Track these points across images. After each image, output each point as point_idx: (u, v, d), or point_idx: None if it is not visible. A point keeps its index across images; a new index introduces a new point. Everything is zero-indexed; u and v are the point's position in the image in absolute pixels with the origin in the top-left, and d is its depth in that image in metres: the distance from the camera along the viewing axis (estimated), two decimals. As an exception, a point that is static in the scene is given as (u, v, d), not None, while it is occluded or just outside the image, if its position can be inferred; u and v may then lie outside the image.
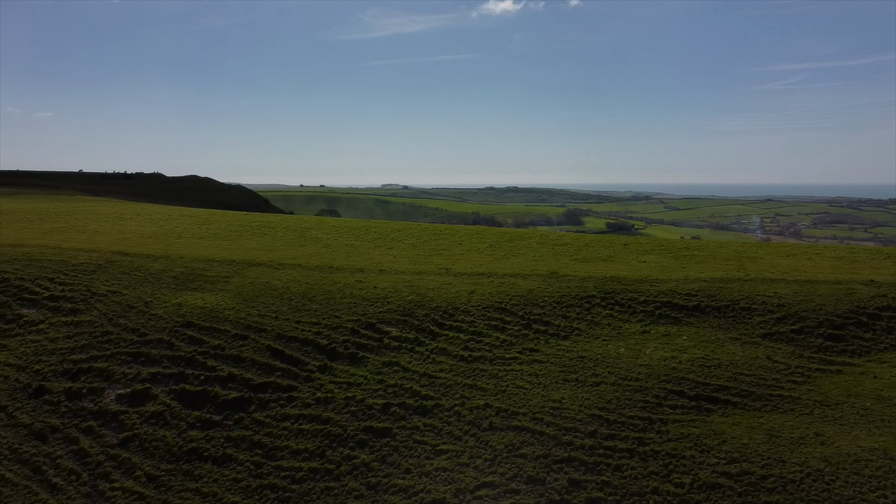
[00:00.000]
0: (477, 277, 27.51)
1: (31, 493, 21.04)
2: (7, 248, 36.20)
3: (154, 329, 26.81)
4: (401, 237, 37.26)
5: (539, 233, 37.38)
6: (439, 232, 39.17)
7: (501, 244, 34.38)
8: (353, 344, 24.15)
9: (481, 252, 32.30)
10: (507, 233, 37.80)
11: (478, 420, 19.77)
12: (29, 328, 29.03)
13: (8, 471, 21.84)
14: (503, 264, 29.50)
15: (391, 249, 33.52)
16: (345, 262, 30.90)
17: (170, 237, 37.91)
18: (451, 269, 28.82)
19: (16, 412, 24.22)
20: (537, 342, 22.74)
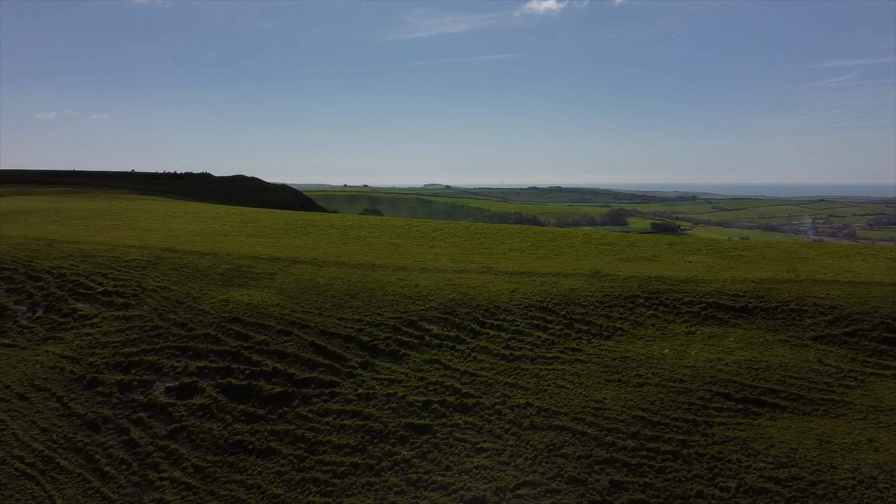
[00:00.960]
0: (518, 276, 27.39)
1: (84, 480, 21.77)
2: (64, 244, 37.52)
3: (201, 324, 27.45)
4: (442, 236, 37.34)
5: (582, 232, 37.03)
6: (481, 231, 39.13)
7: (544, 243, 34.17)
8: (394, 341, 24.32)
9: (523, 251, 32.15)
10: (549, 232, 37.53)
11: (519, 419, 19.69)
12: (83, 322, 30.04)
13: (63, 459, 22.65)
14: (545, 263, 29.31)
15: (433, 248, 33.63)
16: (387, 260, 31.12)
17: (217, 235, 38.75)
18: (493, 267, 28.77)
19: (70, 402, 25.09)
20: (579, 342, 22.54)
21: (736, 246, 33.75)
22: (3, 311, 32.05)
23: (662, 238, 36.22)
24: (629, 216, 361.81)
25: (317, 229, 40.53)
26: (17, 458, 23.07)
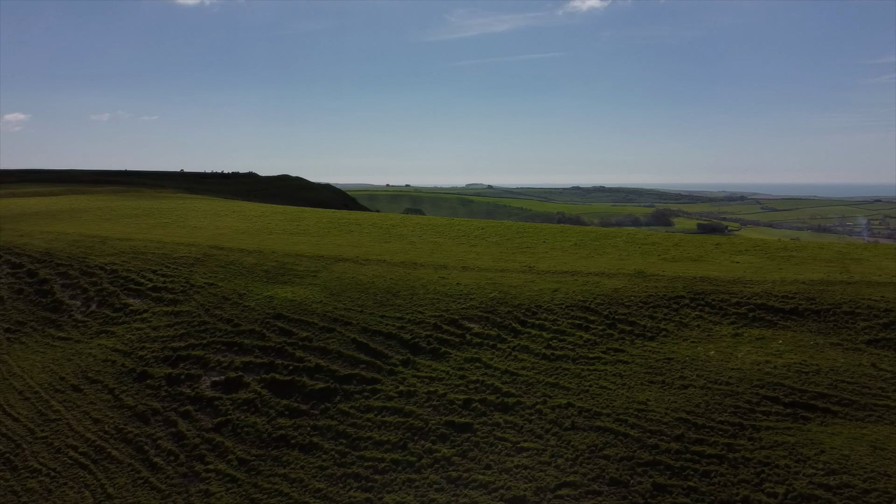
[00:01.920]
0: (561, 276, 27.17)
1: (134, 470, 22.41)
2: (116, 241, 38.69)
3: (247, 320, 27.98)
4: (484, 235, 37.29)
5: (626, 232, 36.52)
6: (523, 230, 38.94)
7: (586, 243, 33.82)
8: (435, 339, 24.39)
9: (565, 250, 31.88)
10: (592, 231, 37.13)
11: (560, 419, 19.54)
12: (134, 316, 30.92)
13: (114, 449, 23.34)
14: (588, 263, 29.01)
15: (474, 247, 33.61)
16: (428, 259, 31.22)
17: (262, 233, 39.45)
18: (535, 266, 28.60)
19: (122, 395, 25.85)
20: (622, 342, 22.25)
21: (786, 247, 32.87)
22: (58, 306, 33.23)
23: (709, 238, 35.49)
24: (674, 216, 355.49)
25: (359, 228, 40.89)
26: (71, 447, 23.89)
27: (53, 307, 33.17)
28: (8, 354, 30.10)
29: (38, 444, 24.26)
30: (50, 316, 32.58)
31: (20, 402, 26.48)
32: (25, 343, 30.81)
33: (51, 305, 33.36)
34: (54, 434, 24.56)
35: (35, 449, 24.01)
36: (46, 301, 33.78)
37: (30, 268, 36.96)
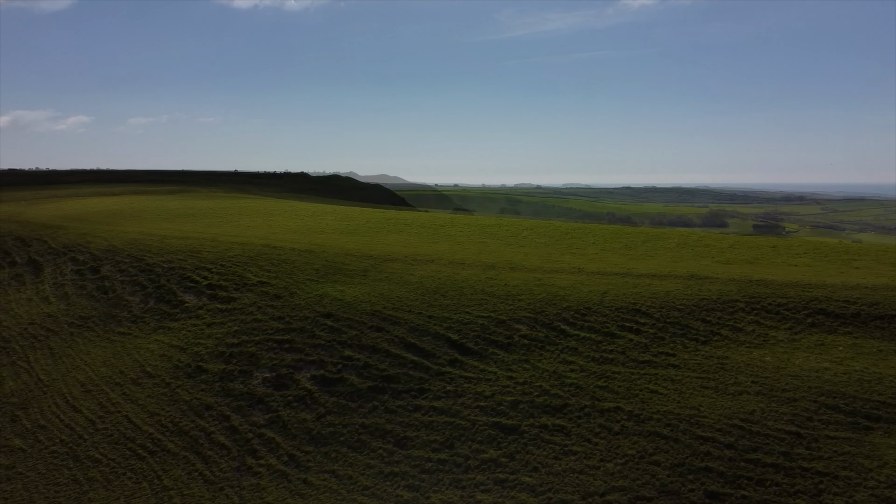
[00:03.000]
0: (611, 277, 26.81)
1: (188, 463, 23.04)
2: (173, 240, 39.86)
3: (297, 318, 28.47)
4: (532, 235, 37.07)
5: (678, 233, 35.78)
6: (571, 231, 38.56)
7: (637, 244, 33.27)
8: (483, 340, 24.36)
9: (616, 252, 31.44)
10: (643, 233, 36.50)
11: (609, 423, 19.28)
12: (190, 313, 31.79)
13: (170, 442, 24.04)
14: (639, 265, 28.54)
15: (522, 248, 33.44)
16: (476, 259, 31.21)
17: (313, 232, 40.06)
18: (584, 268, 28.29)
19: (177, 389, 26.62)
20: (674, 346, 21.81)
21: (847, 249, 31.70)
22: (118, 302, 34.42)
23: (765, 240, 34.50)
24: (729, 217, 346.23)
25: (409, 227, 41.15)
26: (129, 439, 24.72)
27: (114, 303, 34.39)
28: (71, 348, 31.32)
29: (98, 435, 25.19)
30: (110, 311, 33.78)
31: (82, 395, 27.53)
32: (88, 338, 32.01)
33: (111, 301, 34.60)
34: (114, 426, 25.46)
35: (96, 440, 24.93)
36: (107, 297, 35.05)
37: (92, 265, 38.41)
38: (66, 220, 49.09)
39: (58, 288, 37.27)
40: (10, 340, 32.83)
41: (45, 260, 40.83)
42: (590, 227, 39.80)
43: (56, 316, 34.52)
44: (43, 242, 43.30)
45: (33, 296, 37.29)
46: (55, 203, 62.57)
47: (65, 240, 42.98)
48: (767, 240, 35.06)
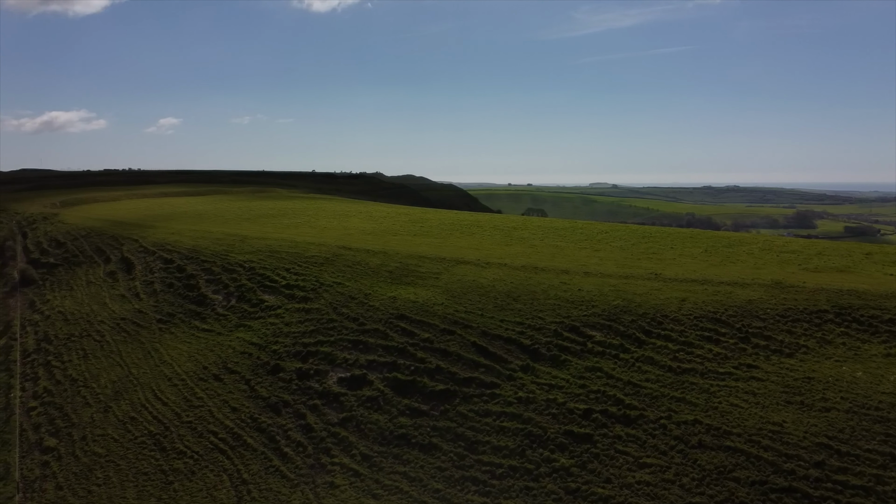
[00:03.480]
0: (689, 284, 26.02)
1: (266, 458, 23.81)
2: (254, 240, 41.26)
3: (371, 319, 28.94)
4: (608, 239, 36.38)
5: (762, 238, 34.27)
6: (649, 234, 37.62)
7: (718, 249, 32.13)
8: (555, 346, 24.09)
9: (694, 257, 30.48)
10: (724, 237, 35.21)
11: (686, 436, 18.72)
12: (269, 312, 32.81)
13: (249, 437, 24.91)
14: (719, 271, 27.58)
15: (597, 251, 32.88)
16: (550, 263, 30.89)
17: (387, 234, 40.65)
18: (661, 274, 27.56)
19: (257, 386, 27.54)
20: (756, 358, 20.97)
21: (950, 257, 29.64)
22: (203, 300, 35.93)
23: (857, 246, 32.66)
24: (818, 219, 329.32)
25: (481, 230, 41.17)
26: (211, 432, 25.78)
27: (199, 300, 35.92)
28: (160, 343, 32.91)
29: (183, 427, 26.38)
30: (195, 308, 35.30)
31: (169, 389, 28.89)
32: (174, 333, 33.56)
33: (196, 299, 36.14)
34: (198, 419, 26.61)
35: (181, 433, 26.12)
36: (193, 295, 36.63)
37: (179, 263, 40.22)
38: (156, 219, 51.59)
39: (147, 285, 39.22)
40: (104, 335, 34.78)
41: (137, 258, 43.02)
42: (668, 230, 38.65)
43: (145, 312, 36.33)
44: (135, 241, 45.65)
45: (125, 292, 39.37)
46: (146, 202, 65.91)
47: (154, 239, 45.17)
48: (860, 246, 33.17)
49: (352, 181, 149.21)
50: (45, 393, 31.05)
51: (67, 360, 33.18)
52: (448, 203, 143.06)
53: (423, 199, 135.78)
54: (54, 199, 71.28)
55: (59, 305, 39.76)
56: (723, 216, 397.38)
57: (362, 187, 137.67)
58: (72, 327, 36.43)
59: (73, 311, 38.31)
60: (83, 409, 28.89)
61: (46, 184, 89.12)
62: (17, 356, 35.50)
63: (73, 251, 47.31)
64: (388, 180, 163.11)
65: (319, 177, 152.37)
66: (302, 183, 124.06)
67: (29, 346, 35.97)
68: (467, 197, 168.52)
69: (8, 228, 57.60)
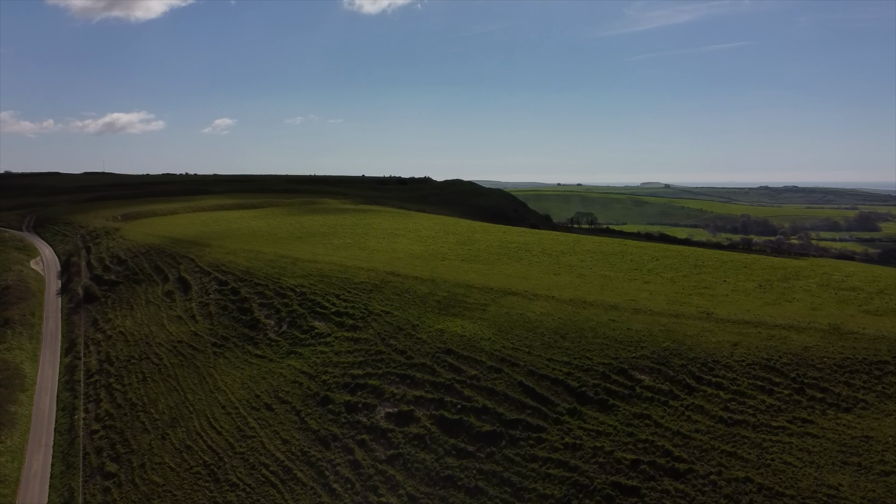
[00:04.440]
0: (742, 326, 25.43)
1: (315, 494, 24.30)
2: (305, 263, 42.09)
3: (419, 353, 29.20)
4: (658, 268, 35.79)
5: (820, 270, 33.08)
6: (701, 263, 36.86)
7: (773, 284, 31.26)
8: (603, 389, 23.84)
9: (748, 294, 29.72)
10: (780, 267, 34.16)
11: (736, 494, 18.33)
12: (319, 339, 33.44)
13: (299, 470, 25.46)
14: (773, 311, 26.86)
15: (647, 284, 32.40)
16: (598, 297, 30.60)
17: (435, 258, 40.89)
18: (713, 313, 27.00)
19: (307, 417, 28.12)
20: (811, 411, 20.37)
21: None
22: (256, 324, 36.85)
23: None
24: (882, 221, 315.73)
25: (529, 255, 41.05)
26: (263, 464, 26.44)
27: (252, 325, 36.86)
28: (214, 368, 33.91)
29: (236, 458, 27.12)
30: (248, 333, 36.24)
31: (223, 417, 29.74)
32: (228, 358, 34.52)
33: (249, 323, 37.10)
34: (250, 450, 27.32)
35: (234, 463, 26.85)
36: (246, 318, 37.61)
37: (233, 286, 41.33)
38: (211, 237, 53.05)
39: (203, 307, 40.45)
40: (161, 358, 36.03)
41: (193, 278, 44.40)
42: (722, 258, 37.52)
43: (201, 335, 37.48)
44: (191, 261, 47.09)
45: (182, 313, 40.69)
46: (202, 217, 67.83)
47: (210, 258, 46.51)
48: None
49: (401, 188, 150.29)
50: (106, 416, 32.36)
51: (128, 383, 34.50)
52: (497, 210, 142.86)
53: (472, 206, 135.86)
54: (115, 211, 73.98)
55: (120, 325, 41.35)
56: (780, 218, 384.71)
57: (411, 193, 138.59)
58: (132, 349, 37.85)
59: (133, 332, 39.79)
60: (142, 434, 30.00)
61: (108, 194, 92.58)
62: (80, 376, 37.11)
63: (133, 269, 49.08)
64: (436, 185, 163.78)
65: (370, 183, 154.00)
66: (352, 190, 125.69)
67: (92, 367, 37.54)
68: (516, 202, 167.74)
69: (73, 243, 60.07)
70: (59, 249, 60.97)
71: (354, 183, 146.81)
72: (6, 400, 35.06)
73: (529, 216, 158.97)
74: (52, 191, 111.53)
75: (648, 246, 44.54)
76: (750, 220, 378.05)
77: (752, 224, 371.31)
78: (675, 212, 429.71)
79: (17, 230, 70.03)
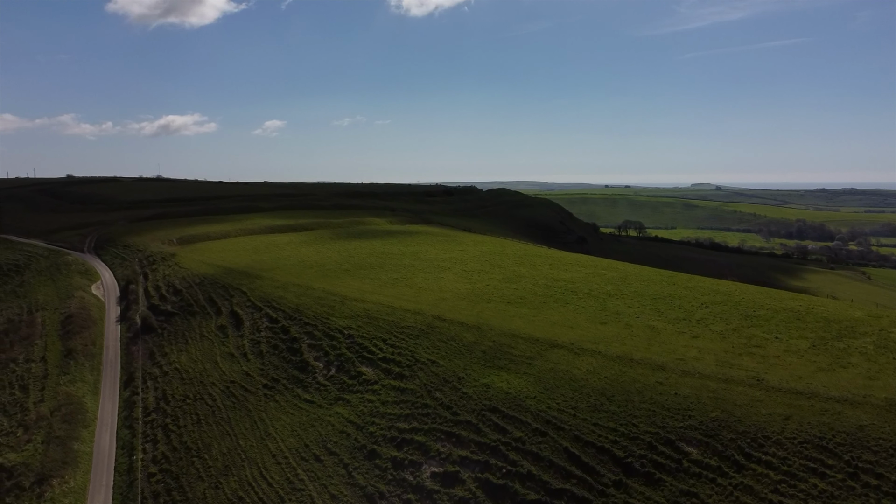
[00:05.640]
0: (794, 397, 24.93)
1: (363, 556, 24.85)
2: (353, 302, 42.79)
3: (465, 409, 29.45)
4: (708, 318, 35.19)
5: (877, 326, 31.94)
6: (752, 312, 36.06)
7: (827, 342, 30.43)
8: (649, 461, 23.70)
9: (801, 355, 29.04)
10: (835, 321, 33.14)
11: (786, 591, 18.08)
12: (367, 386, 33.99)
13: (347, 530, 26.02)
14: (827, 379, 26.22)
15: (696, 339, 31.95)
16: (645, 353, 30.35)
17: (481, 300, 41.11)
18: (764, 379, 26.52)
19: (354, 472, 28.68)
20: (866, 500, 19.93)
21: None
22: (305, 366, 37.69)
23: None
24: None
25: (575, 297, 40.89)
26: (312, 521, 27.14)
27: (301, 367, 37.71)
28: (265, 412, 34.84)
29: (286, 513, 27.88)
30: (298, 375, 37.09)
31: (273, 466, 30.53)
32: (279, 402, 35.40)
33: (299, 364, 37.95)
34: (299, 505, 28.06)
35: (284, 519, 27.62)
36: (296, 360, 38.49)
37: (284, 324, 42.32)
38: (262, 268, 54.36)
39: (255, 345, 41.53)
40: (215, 399, 37.16)
41: (245, 313, 45.63)
42: (774, 305, 36.37)
43: (253, 375, 38.52)
44: (243, 294, 48.37)
45: (234, 350, 41.86)
46: (253, 242, 69.48)
47: (261, 293, 47.69)
48: None
49: (447, 200, 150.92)
50: (163, 458, 33.55)
51: (183, 424, 35.70)
52: (543, 223, 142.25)
53: (518, 220, 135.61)
54: (171, 232, 76.34)
55: (175, 360, 42.78)
56: (837, 223, 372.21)
57: (458, 206, 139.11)
58: (187, 387, 39.13)
59: (188, 369, 41.12)
60: (196, 482, 31.02)
61: (164, 212, 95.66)
62: (139, 413, 38.55)
63: (188, 300, 50.66)
64: (482, 197, 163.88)
65: (417, 195, 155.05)
66: (399, 204, 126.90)
67: (149, 404, 38.95)
68: (562, 213, 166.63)
69: (132, 269, 62.30)
70: (119, 274, 63.26)
71: (401, 195, 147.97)
72: (70, 437, 36.67)
73: (576, 227, 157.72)
74: (110, 205, 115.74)
75: (698, 285, 43.77)
76: (805, 225, 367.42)
77: (808, 229, 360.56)
78: (726, 216, 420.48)
79: (79, 251, 72.92)
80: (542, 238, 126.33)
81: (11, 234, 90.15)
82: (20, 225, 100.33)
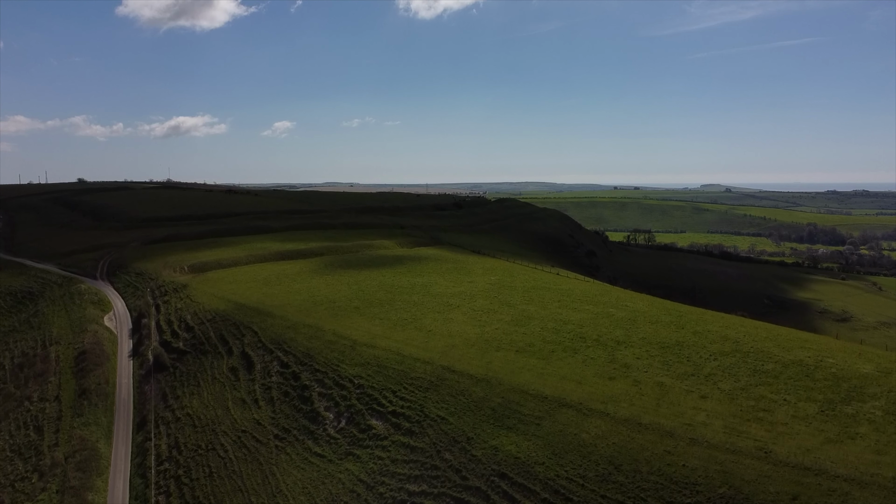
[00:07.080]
0: (802, 473, 25.05)
1: None
2: (363, 348, 43.12)
3: (474, 473, 29.72)
4: (717, 373, 35.23)
5: (886, 385, 31.84)
6: (761, 365, 36.06)
7: (835, 406, 30.45)
8: (657, 541, 23.94)
9: (809, 422, 29.09)
10: (845, 380, 33.03)
11: None
12: (377, 441, 34.31)
13: None
14: (835, 453, 26.28)
15: (705, 399, 32.07)
16: (654, 417, 30.49)
17: (490, 347, 41.37)
18: (772, 451, 26.63)
19: (364, 537, 29.05)
20: None
21: None
22: (316, 416, 38.07)
23: None
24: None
25: (584, 345, 41.05)
26: (323, 588, 27.49)
27: (312, 417, 38.09)
28: (276, 466, 35.24)
29: (298, 579, 28.26)
30: (308, 426, 37.46)
31: (285, 528, 30.96)
32: (289, 454, 35.79)
33: (310, 414, 38.33)
34: (311, 572, 28.41)
35: (296, 586, 27.99)
36: (306, 409, 38.86)
37: (294, 369, 42.71)
38: (273, 304, 54.81)
39: (266, 391, 41.96)
40: (228, 450, 37.60)
41: (256, 355, 46.06)
42: (783, 357, 36.17)
43: (264, 424, 38.94)
44: (254, 334, 48.83)
45: (245, 396, 42.30)
46: (263, 273, 69.89)
47: (272, 333, 48.12)
48: None
49: (457, 213, 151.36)
50: (176, 515, 34.02)
51: (195, 477, 36.15)
52: (552, 237, 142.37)
53: (528, 234, 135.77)
54: (183, 257, 76.99)
55: (187, 405, 43.26)
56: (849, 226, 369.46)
57: (467, 220, 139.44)
58: (199, 436, 39.60)
59: (200, 415, 41.60)
60: (209, 543, 31.43)
61: (176, 233, 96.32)
62: (151, 461, 39.05)
63: (200, 338, 51.18)
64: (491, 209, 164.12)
65: (426, 208, 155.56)
66: (409, 220, 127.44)
67: (162, 452, 39.44)
68: (571, 224, 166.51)
69: (144, 299, 62.95)
70: (131, 304, 63.92)
71: (410, 209, 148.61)
72: (84, 487, 37.23)
73: (585, 240, 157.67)
74: (122, 221, 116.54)
75: (707, 329, 43.74)
76: (817, 229, 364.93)
77: (819, 233, 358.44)
78: (737, 220, 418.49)
79: (92, 278, 73.66)
80: (552, 252, 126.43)
81: (26, 256, 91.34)
82: (34, 243, 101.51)
